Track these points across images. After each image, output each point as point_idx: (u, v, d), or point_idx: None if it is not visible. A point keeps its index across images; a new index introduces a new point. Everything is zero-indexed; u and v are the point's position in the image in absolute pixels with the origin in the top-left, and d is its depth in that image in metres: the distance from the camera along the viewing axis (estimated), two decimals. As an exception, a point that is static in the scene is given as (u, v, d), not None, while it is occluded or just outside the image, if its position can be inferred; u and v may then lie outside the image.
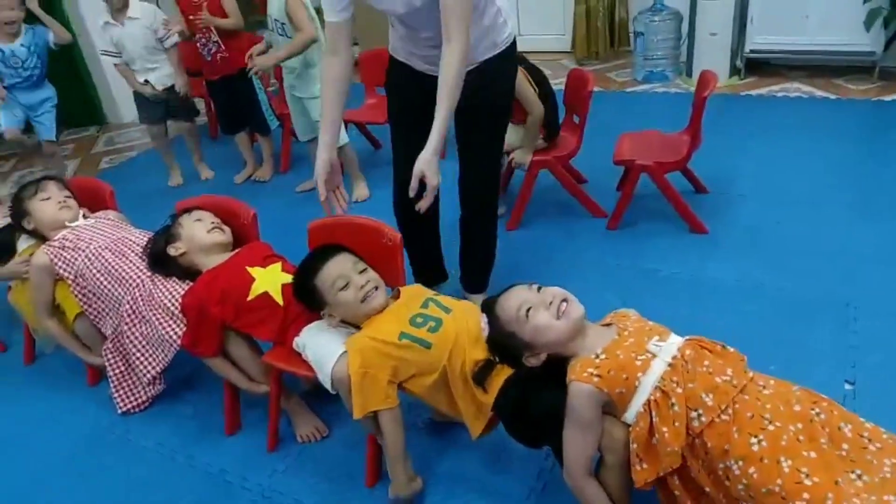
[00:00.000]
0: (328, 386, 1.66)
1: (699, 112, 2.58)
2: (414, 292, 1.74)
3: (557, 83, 3.23)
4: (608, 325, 1.47)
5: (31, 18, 3.47)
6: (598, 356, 1.34)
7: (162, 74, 3.55)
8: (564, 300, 1.40)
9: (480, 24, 1.82)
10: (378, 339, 1.58)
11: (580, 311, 1.40)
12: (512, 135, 3.31)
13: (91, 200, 2.41)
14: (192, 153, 3.92)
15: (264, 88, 3.59)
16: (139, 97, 3.63)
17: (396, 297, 1.74)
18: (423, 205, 1.70)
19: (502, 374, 1.50)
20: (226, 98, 3.57)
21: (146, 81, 3.55)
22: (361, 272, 1.66)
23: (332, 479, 1.82)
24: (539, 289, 1.43)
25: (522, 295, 1.43)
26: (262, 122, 3.61)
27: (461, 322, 1.58)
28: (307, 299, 1.71)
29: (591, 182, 3.20)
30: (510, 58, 1.99)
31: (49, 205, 2.22)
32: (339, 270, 1.64)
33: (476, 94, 1.90)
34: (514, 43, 1.97)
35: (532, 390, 1.45)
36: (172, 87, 3.58)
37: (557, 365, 1.40)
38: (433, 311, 1.63)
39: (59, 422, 2.18)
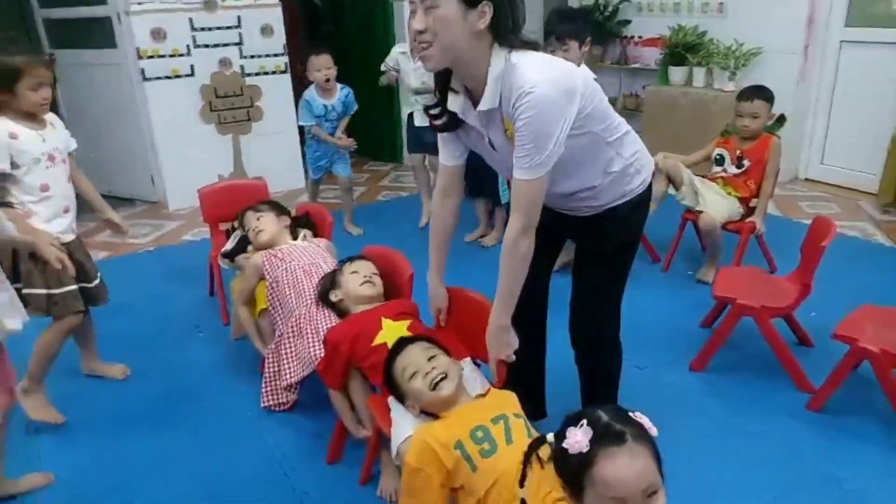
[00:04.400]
0: (393, 453, 1.71)
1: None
2: (499, 401, 1.69)
3: (844, 225, 2.83)
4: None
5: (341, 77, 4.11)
6: None
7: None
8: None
9: (604, 174, 1.74)
10: (439, 438, 1.57)
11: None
12: (725, 205, 3.28)
13: (318, 226, 2.87)
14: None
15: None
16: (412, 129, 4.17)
17: (486, 392, 1.72)
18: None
19: None
20: (475, 163, 3.84)
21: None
22: (431, 359, 1.69)
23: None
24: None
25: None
26: (496, 194, 3.82)
27: (515, 461, 1.45)
28: (393, 390, 1.79)
29: (818, 348, 2.74)
30: (639, 206, 1.84)
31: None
32: (409, 359, 1.70)
33: (598, 237, 1.83)
34: (647, 189, 1.84)
35: None
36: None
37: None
38: (497, 432, 1.55)
39: (221, 397, 2.58)
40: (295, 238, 2.75)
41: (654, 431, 1.13)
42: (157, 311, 3.30)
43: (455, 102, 1.66)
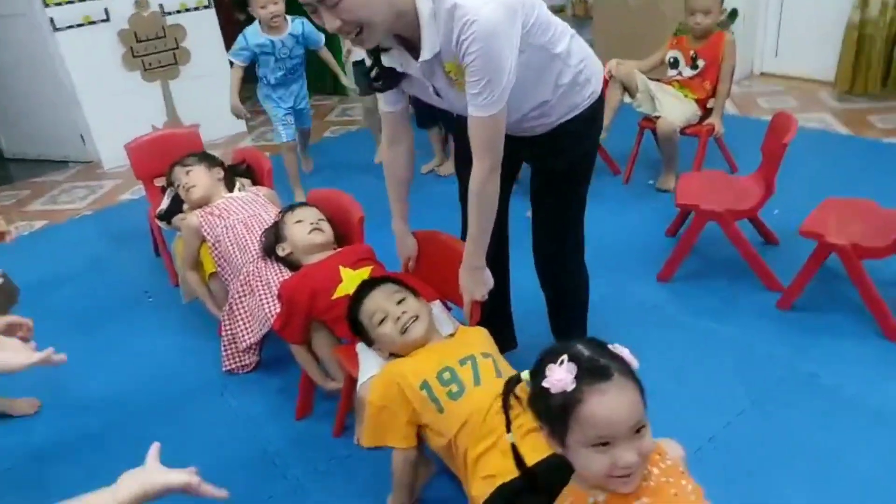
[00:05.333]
0: (359, 394, 1.64)
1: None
2: (469, 339, 1.61)
3: (803, 117, 2.75)
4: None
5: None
6: None
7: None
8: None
9: (555, 86, 1.61)
10: (406, 377, 1.50)
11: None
12: (683, 109, 3.17)
13: (255, 173, 2.67)
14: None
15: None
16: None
17: (454, 333, 1.64)
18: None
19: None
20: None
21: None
22: (400, 302, 1.59)
23: (363, 493, 1.80)
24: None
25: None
26: (451, 121, 3.62)
27: (484, 401, 1.40)
28: (360, 335, 1.70)
29: (784, 246, 2.71)
30: (592, 118, 1.73)
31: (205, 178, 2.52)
32: (376, 304, 1.60)
33: (552, 157, 1.73)
34: (598, 100, 1.72)
35: None
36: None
37: (551, 481, 1.19)
38: (465, 373, 1.48)
39: (180, 357, 2.46)
40: (232, 189, 2.57)
41: (635, 364, 1.05)
42: (104, 279, 3.12)
43: (391, 58, 1.52)
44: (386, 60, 1.53)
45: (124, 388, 2.35)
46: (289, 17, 3.38)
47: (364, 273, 1.94)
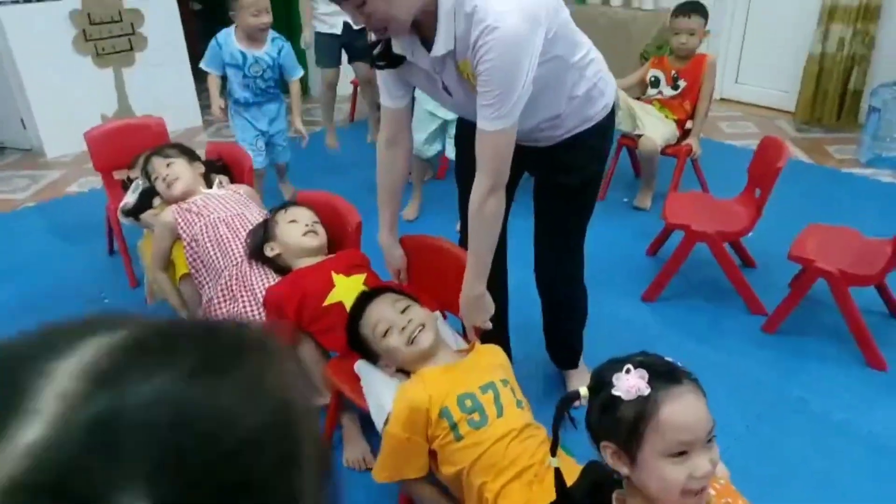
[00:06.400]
0: (379, 427, 1.53)
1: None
2: (487, 362, 1.52)
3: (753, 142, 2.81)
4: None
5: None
6: None
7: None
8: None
9: (569, 97, 1.56)
10: (424, 402, 1.39)
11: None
12: (664, 129, 3.19)
13: (234, 170, 2.50)
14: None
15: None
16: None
17: (471, 349, 1.55)
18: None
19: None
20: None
21: None
22: (404, 311, 1.49)
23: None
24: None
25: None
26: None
27: (504, 434, 1.34)
28: (362, 351, 1.59)
29: (761, 269, 2.75)
30: (603, 132, 1.69)
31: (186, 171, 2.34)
32: (379, 314, 1.50)
33: (561, 170, 1.68)
34: (610, 114, 1.68)
35: None
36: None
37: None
38: (488, 401, 1.39)
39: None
40: (210, 186, 2.40)
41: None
42: (52, 278, 2.87)
43: (401, 44, 1.42)
44: (396, 46, 1.44)
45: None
46: (272, 33, 3.03)
47: (358, 280, 1.84)
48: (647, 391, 0.94)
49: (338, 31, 3.56)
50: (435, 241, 1.79)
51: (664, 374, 0.96)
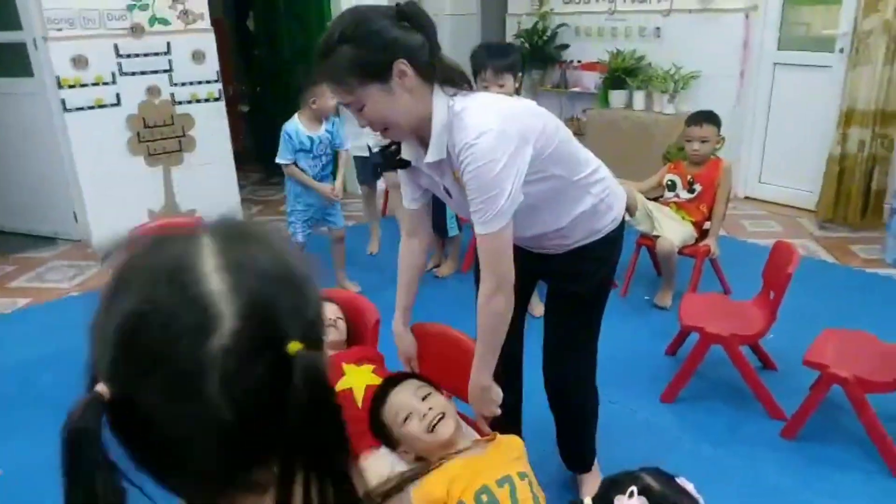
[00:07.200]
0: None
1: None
2: (506, 453, 1.53)
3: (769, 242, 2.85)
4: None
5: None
6: None
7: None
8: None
9: (573, 212, 1.65)
10: (440, 497, 1.41)
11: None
12: (680, 231, 3.27)
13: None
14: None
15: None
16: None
17: (491, 438, 1.58)
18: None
19: None
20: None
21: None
22: (425, 398, 1.53)
23: None
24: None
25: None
26: (443, 228, 3.70)
27: None
28: (383, 437, 1.62)
29: (782, 372, 2.74)
30: (612, 243, 1.76)
31: None
32: (401, 401, 1.53)
33: (571, 279, 1.74)
34: (619, 226, 1.76)
35: None
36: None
37: None
38: (504, 496, 1.41)
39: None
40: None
41: (701, 501, 1.03)
42: (88, 364, 3.00)
43: (408, 150, 1.57)
44: (404, 150, 1.58)
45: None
46: None
47: (366, 370, 1.89)
48: None
49: (366, 153, 3.87)
50: (444, 330, 1.83)
51: None
